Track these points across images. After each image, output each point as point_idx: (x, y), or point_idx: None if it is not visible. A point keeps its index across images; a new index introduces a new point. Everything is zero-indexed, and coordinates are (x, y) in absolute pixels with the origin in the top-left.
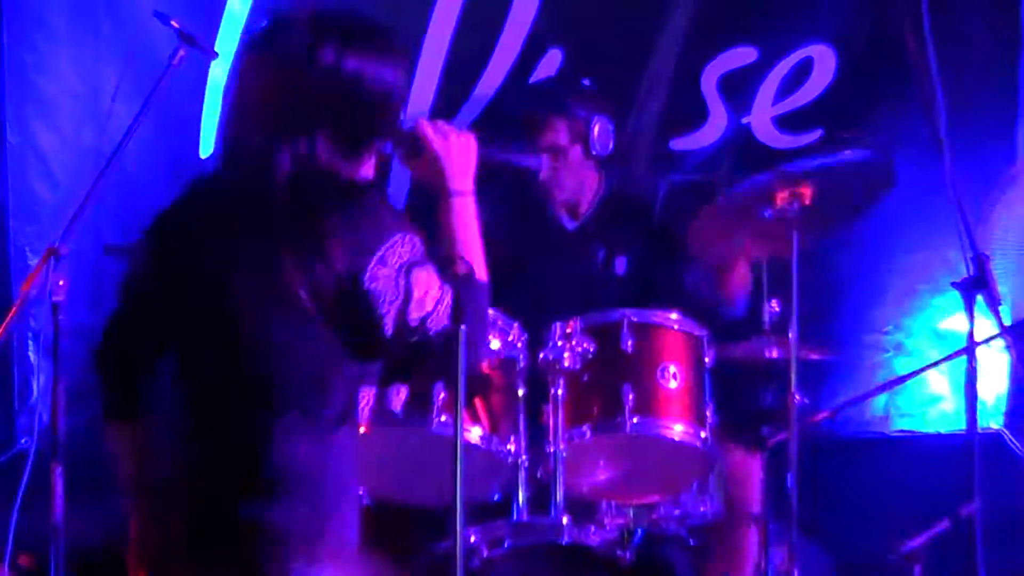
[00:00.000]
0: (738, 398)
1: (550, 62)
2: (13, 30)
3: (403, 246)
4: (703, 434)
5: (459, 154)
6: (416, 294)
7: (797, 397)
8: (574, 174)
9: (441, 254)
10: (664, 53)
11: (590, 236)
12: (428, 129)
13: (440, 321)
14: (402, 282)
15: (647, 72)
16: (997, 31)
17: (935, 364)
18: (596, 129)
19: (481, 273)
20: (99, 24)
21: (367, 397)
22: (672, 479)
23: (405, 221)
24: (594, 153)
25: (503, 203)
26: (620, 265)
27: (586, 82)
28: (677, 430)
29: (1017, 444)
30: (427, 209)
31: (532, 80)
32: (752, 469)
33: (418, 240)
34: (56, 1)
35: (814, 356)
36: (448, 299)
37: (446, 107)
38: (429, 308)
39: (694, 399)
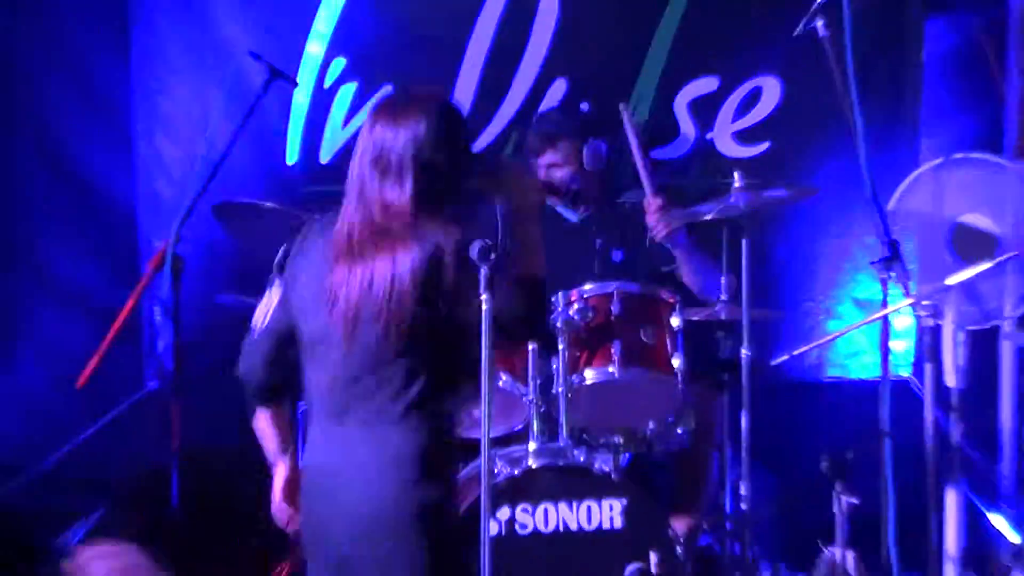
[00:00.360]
0: (702, 351)
1: (557, 89)
2: (140, 63)
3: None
4: (675, 378)
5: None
6: None
7: (746, 351)
8: (578, 182)
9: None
10: (646, 81)
11: (589, 230)
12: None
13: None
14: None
15: (633, 96)
16: (901, 67)
17: (857, 325)
18: (586, 151)
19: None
20: (207, 58)
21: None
22: (650, 414)
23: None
24: (592, 166)
25: None
26: (617, 255)
27: (584, 106)
28: (652, 375)
29: (920, 387)
30: None
31: (542, 107)
32: (713, 407)
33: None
34: (173, 39)
35: (761, 319)
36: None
37: (480, 119)
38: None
39: (666, 351)
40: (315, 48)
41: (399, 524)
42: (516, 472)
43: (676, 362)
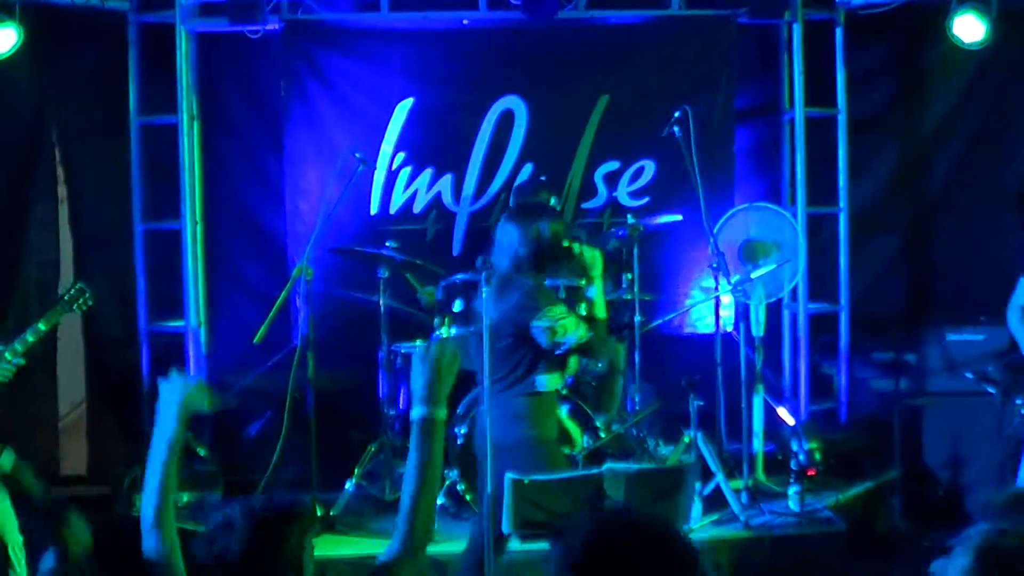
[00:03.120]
0: (612, 318)
1: (526, 169)
2: (289, 156)
3: None
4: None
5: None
6: None
7: (638, 317)
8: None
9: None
10: (578, 163)
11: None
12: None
13: None
14: None
15: (571, 171)
16: (723, 154)
17: (701, 302)
18: (552, 203)
19: None
20: (324, 152)
21: None
22: (583, 353)
23: None
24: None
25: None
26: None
27: (543, 178)
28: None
29: (737, 337)
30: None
31: (517, 181)
32: (620, 349)
33: None
34: (306, 144)
35: (647, 299)
36: None
37: (480, 190)
38: None
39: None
40: (387, 147)
41: None
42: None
43: None
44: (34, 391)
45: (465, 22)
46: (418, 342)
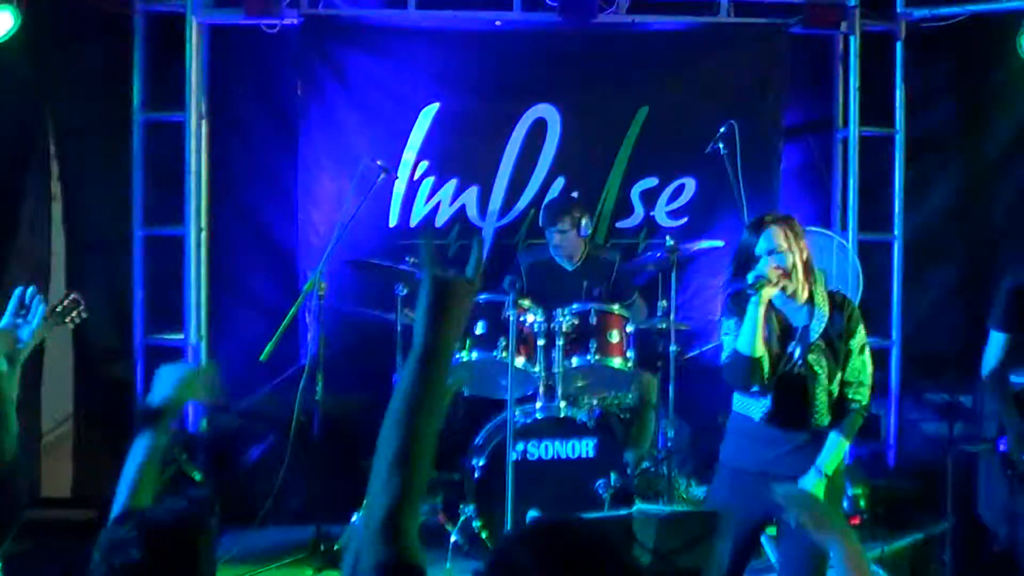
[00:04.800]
0: (646, 347)
1: (558, 184)
2: (303, 165)
3: None
4: (628, 364)
5: None
6: None
7: (673, 347)
8: (571, 244)
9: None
10: (614, 179)
11: (580, 274)
12: None
13: None
14: None
15: (606, 188)
16: (768, 173)
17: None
18: (583, 223)
19: None
20: (341, 159)
21: None
22: (613, 386)
23: None
24: (581, 235)
25: (538, 258)
26: (596, 292)
27: (575, 195)
28: (616, 362)
29: None
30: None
31: (548, 196)
32: (652, 382)
33: None
34: (321, 149)
35: (683, 327)
36: None
37: (508, 204)
38: None
39: (623, 347)
40: (409, 155)
41: None
42: (528, 420)
43: (630, 354)
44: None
45: (498, 23)
46: None
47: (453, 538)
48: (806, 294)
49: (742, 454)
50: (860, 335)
